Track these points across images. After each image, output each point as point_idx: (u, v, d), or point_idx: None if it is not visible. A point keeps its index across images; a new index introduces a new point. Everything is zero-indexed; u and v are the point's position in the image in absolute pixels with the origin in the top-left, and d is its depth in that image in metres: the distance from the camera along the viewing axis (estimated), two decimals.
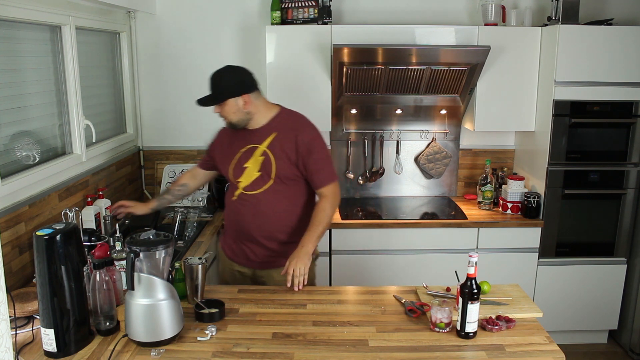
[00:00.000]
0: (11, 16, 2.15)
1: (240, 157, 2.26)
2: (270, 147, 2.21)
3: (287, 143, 2.20)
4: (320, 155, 2.22)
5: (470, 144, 3.66)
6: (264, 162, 2.21)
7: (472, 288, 1.71)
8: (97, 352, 1.67)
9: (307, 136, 2.21)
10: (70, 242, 1.64)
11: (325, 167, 2.24)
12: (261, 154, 2.22)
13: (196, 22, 3.44)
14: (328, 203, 2.22)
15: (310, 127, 2.26)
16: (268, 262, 2.29)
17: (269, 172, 2.21)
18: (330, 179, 2.24)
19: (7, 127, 2.23)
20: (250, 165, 2.23)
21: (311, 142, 2.21)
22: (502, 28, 3.23)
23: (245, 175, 2.24)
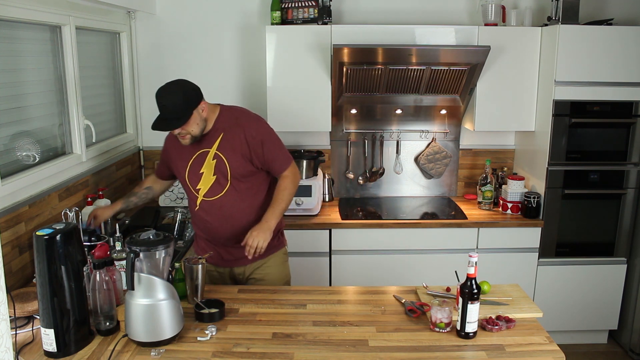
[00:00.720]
0: (11, 16, 2.15)
1: (193, 164, 2.23)
2: (220, 149, 2.19)
3: (236, 141, 2.18)
4: (272, 144, 2.23)
5: (470, 144, 3.66)
6: (217, 165, 2.19)
7: (472, 288, 1.71)
8: (97, 352, 1.67)
9: (254, 129, 2.20)
10: (70, 242, 1.64)
11: (280, 153, 2.25)
12: (213, 157, 2.19)
13: (196, 22, 3.44)
14: (289, 181, 2.24)
15: (254, 119, 2.25)
16: (243, 258, 2.25)
17: (225, 173, 2.19)
18: (287, 163, 2.26)
19: (7, 127, 2.23)
20: (205, 170, 2.21)
21: (260, 134, 2.20)
22: (502, 28, 3.23)
23: (203, 182, 2.22)
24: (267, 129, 2.26)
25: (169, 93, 2.08)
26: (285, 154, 2.27)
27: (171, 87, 2.11)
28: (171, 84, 2.12)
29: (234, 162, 2.18)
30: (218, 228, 2.25)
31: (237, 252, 2.27)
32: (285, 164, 2.25)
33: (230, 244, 2.28)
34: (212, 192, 2.22)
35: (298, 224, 3.10)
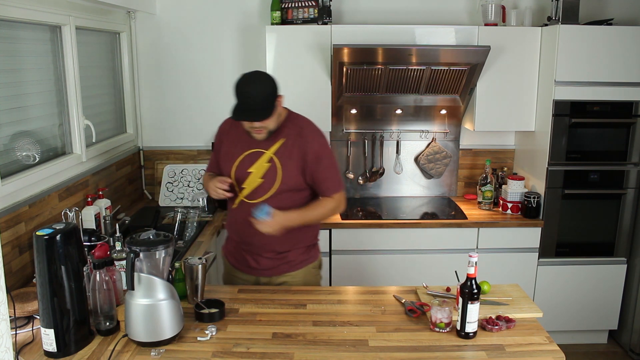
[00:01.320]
0: (11, 16, 2.15)
1: (244, 160, 2.14)
2: (277, 154, 2.10)
3: (295, 150, 2.09)
4: (328, 164, 2.14)
5: (470, 144, 3.66)
6: (269, 170, 2.10)
7: (472, 288, 1.71)
8: (97, 352, 1.67)
9: (316, 144, 2.12)
10: (70, 242, 1.64)
11: (333, 175, 2.16)
12: (267, 160, 2.10)
13: (196, 22, 3.44)
14: (330, 204, 2.16)
15: (318, 134, 2.16)
16: (271, 269, 2.22)
17: (273, 180, 2.10)
18: (336, 189, 2.16)
19: (7, 127, 2.23)
20: (255, 170, 2.12)
21: (320, 150, 2.12)
22: (502, 28, 3.23)
23: (249, 181, 2.13)
24: (328, 148, 2.18)
25: (256, 82, 1.98)
26: (338, 180, 2.19)
27: (257, 76, 2.01)
28: (256, 73, 2.03)
29: (288, 172, 2.10)
30: (251, 233, 2.14)
31: (265, 261, 2.21)
32: (335, 188, 2.16)
33: (259, 252, 2.21)
34: (254, 195, 2.13)
35: None
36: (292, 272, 2.23)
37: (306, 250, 2.25)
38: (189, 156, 3.61)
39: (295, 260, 2.22)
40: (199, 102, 3.54)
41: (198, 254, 2.55)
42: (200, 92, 3.54)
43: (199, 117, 3.56)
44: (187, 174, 3.51)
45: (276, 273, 2.23)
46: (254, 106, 1.97)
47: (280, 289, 2.16)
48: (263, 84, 1.99)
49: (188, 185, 3.48)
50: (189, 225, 2.87)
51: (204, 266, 1.99)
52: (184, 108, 3.55)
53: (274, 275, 2.23)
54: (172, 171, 3.52)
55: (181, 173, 3.52)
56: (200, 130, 3.57)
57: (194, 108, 3.56)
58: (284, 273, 2.21)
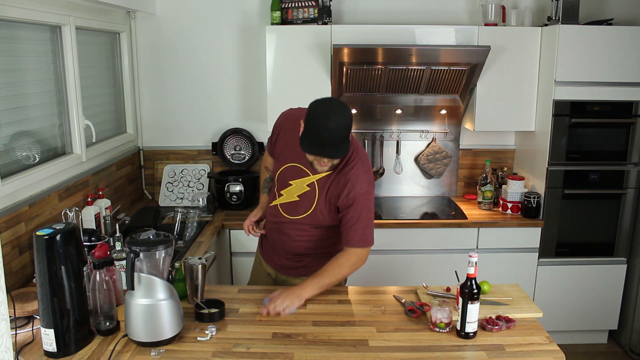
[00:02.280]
0: (11, 16, 2.15)
1: (289, 168, 2.08)
2: (320, 182, 2.03)
3: (335, 188, 2.00)
4: (360, 215, 1.98)
5: (470, 144, 3.66)
6: (306, 194, 2.05)
7: (472, 288, 1.71)
8: (97, 352, 1.67)
9: (357, 190, 1.97)
10: (70, 242, 1.64)
11: (361, 228, 1.99)
12: (308, 184, 2.04)
13: (196, 22, 3.44)
14: (348, 261, 2.00)
15: (366, 181, 2.00)
16: (288, 268, 2.23)
17: (308, 205, 2.05)
18: (361, 243, 2.00)
19: (7, 127, 2.23)
20: (295, 185, 2.06)
21: (360, 197, 1.97)
22: (502, 28, 3.23)
23: (287, 192, 2.09)
24: (369, 200, 2.01)
25: (336, 115, 1.79)
26: (366, 233, 2.01)
27: (337, 108, 1.81)
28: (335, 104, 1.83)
29: (323, 206, 2.03)
30: (276, 235, 2.19)
31: (285, 261, 2.22)
32: (359, 242, 2.00)
33: (281, 252, 2.22)
34: (288, 208, 2.11)
35: None
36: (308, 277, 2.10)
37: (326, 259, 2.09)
38: (189, 156, 3.61)
39: (312, 265, 2.12)
40: (199, 102, 3.54)
41: (198, 254, 2.55)
42: (200, 92, 3.54)
43: (199, 117, 3.56)
44: (187, 174, 3.51)
45: (293, 274, 2.22)
46: (332, 142, 1.81)
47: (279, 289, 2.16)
48: (344, 117, 1.82)
49: (188, 185, 3.48)
50: (189, 225, 2.87)
51: (204, 266, 1.99)
52: (184, 108, 3.55)
53: (290, 275, 2.23)
54: (172, 171, 3.52)
55: (181, 173, 3.52)
56: (200, 130, 3.57)
57: (194, 108, 3.56)
58: (299, 276, 2.18)
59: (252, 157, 3.53)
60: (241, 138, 3.52)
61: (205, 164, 3.56)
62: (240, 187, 3.29)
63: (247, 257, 3.03)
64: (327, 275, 1.98)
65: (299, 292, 1.94)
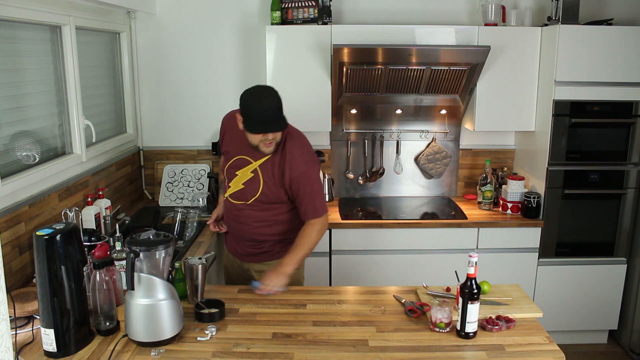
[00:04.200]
0: (11, 16, 2.15)
1: (235, 162, 2.26)
2: (262, 167, 2.19)
3: (277, 170, 2.16)
4: (311, 190, 2.18)
5: (470, 144, 3.66)
6: (251, 180, 2.20)
7: (472, 288, 1.71)
8: (97, 352, 1.67)
9: (297, 170, 2.15)
10: (70, 242, 1.64)
11: (316, 201, 2.19)
12: (251, 170, 2.21)
13: (196, 22, 3.44)
14: (314, 230, 2.18)
15: (302, 159, 2.18)
16: (250, 256, 2.36)
17: (254, 190, 2.21)
18: (319, 213, 2.19)
19: (7, 127, 2.23)
20: (240, 174, 2.24)
21: (302, 175, 2.16)
22: (502, 28, 3.23)
23: (234, 183, 2.26)
24: (312, 173, 2.20)
25: (267, 96, 2.04)
26: (320, 203, 2.21)
27: (265, 90, 2.07)
28: (266, 89, 2.08)
29: (268, 186, 2.18)
30: (233, 224, 2.34)
31: (246, 249, 2.36)
32: (317, 213, 2.19)
33: (241, 239, 2.36)
34: (236, 196, 2.27)
35: None
36: (269, 262, 2.31)
37: (285, 244, 2.28)
38: (189, 156, 3.61)
39: (272, 250, 2.31)
40: (199, 102, 3.54)
41: (198, 254, 2.55)
42: (200, 92, 3.54)
43: (199, 117, 3.56)
44: (187, 174, 3.51)
45: (254, 261, 2.35)
46: (271, 118, 2.03)
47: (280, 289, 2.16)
48: (273, 96, 2.05)
49: (188, 185, 3.48)
50: (189, 225, 2.87)
51: (204, 266, 1.99)
52: (184, 108, 3.55)
53: (252, 262, 2.37)
54: (172, 171, 3.52)
55: (181, 173, 3.52)
56: (200, 130, 3.57)
57: (194, 108, 3.56)
58: (261, 262, 2.33)
59: None
60: None
61: (205, 164, 3.56)
62: None
63: None
64: (301, 248, 2.15)
65: (282, 270, 2.09)
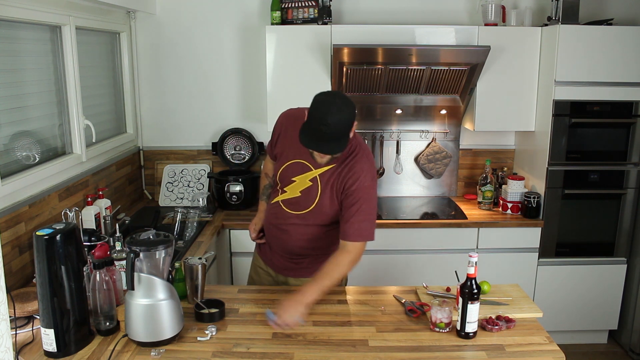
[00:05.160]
0: (11, 16, 2.15)
1: (292, 165, 2.06)
2: (322, 177, 2.00)
3: (339, 181, 1.98)
4: (362, 210, 1.95)
5: (470, 144, 3.66)
6: (309, 189, 2.02)
7: (472, 288, 1.71)
8: (97, 352, 1.67)
9: (360, 182, 1.95)
10: (70, 242, 1.64)
11: (362, 223, 1.96)
12: (311, 178, 2.02)
13: (196, 22, 3.44)
14: (347, 259, 1.94)
15: (370, 174, 1.99)
16: (286, 269, 2.21)
17: (310, 200, 2.03)
18: (359, 237, 1.96)
19: (7, 127, 2.23)
20: (298, 181, 2.04)
21: (362, 189, 1.95)
22: (502, 28, 3.23)
23: (291, 188, 2.06)
24: (374, 192, 2.00)
25: (337, 110, 1.76)
26: (366, 228, 1.97)
27: (339, 103, 1.78)
28: (337, 98, 1.80)
29: (326, 200, 2.01)
30: (276, 233, 2.15)
31: (284, 262, 2.20)
32: (356, 236, 1.95)
33: (280, 252, 2.20)
34: (290, 203, 2.08)
35: None
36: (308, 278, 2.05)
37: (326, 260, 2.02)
38: (189, 156, 3.61)
39: (312, 267, 2.09)
40: (199, 102, 3.54)
41: (198, 254, 2.55)
42: (200, 92, 3.54)
43: (199, 117, 3.56)
44: (187, 174, 3.51)
45: (292, 275, 2.20)
46: (330, 137, 1.79)
47: (280, 289, 2.16)
48: (344, 113, 1.78)
49: (188, 185, 3.48)
50: (189, 225, 2.87)
51: (204, 266, 1.99)
52: (184, 108, 3.55)
53: (289, 276, 2.21)
54: (172, 171, 3.52)
55: (181, 173, 3.52)
56: (200, 130, 3.57)
57: (194, 108, 3.56)
58: (300, 277, 2.17)
59: (252, 157, 3.53)
60: (241, 138, 3.52)
61: (205, 164, 3.56)
62: (240, 187, 3.29)
63: (247, 257, 3.02)
64: (327, 277, 1.91)
65: (301, 299, 1.83)
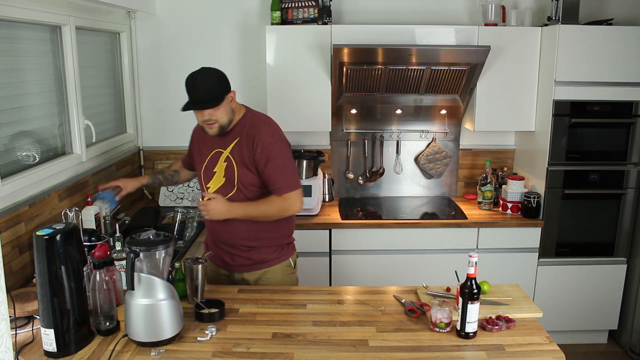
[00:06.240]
0: (11, 16, 2.16)
1: (210, 161, 2.22)
2: (232, 153, 2.16)
3: (246, 150, 2.13)
4: (277, 163, 2.11)
5: (470, 144, 3.66)
6: (227, 168, 2.17)
7: (472, 288, 1.71)
8: (97, 352, 1.67)
9: (264, 144, 2.11)
10: (70, 242, 1.64)
11: (282, 174, 2.12)
12: (225, 159, 2.17)
13: (196, 22, 3.44)
14: (278, 202, 2.12)
15: (269, 132, 2.16)
16: (242, 265, 2.26)
17: (232, 179, 2.16)
18: (286, 188, 2.11)
19: (7, 127, 2.23)
20: (218, 170, 2.19)
21: (268, 148, 2.11)
22: (502, 28, 3.23)
23: (214, 181, 2.21)
24: (280, 145, 2.15)
25: (202, 75, 2.06)
26: (289, 179, 2.13)
27: (203, 70, 2.08)
28: (204, 69, 2.09)
29: (241, 170, 2.14)
30: (220, 230, 2.24)
31: (237, 258, 2.26)
32: (285, 188, 2.11)
33: (230, 248, 2.25)
34: (219, 191, 2.19)
35: (298, 224, 3.08)
36: (264, 269, 2.26)
37: (278, 249, 2.27)
38: None
39: (266, 258, 2.25)
40: None
41: (198, 254, 2.55)
42: None
43: None
44: None
45: (247, 270, 2.27)
46: (201, 97, 2.04)
47: (280, 289, 2.17)
48: (208, 75, 2.07)
49: (188, 185, 3.48)
50: (189, 225, 2.87)
51: (204, 266, 1.99)
52: None
53: (245, 271, 2.28)
54: None
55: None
56: None
57: None
58: (254, 270, 2.26)
59: None
60: None
61: None
62: None
63: None
64: (255, 208, 2.13)
65: (228, 208, 2.10)
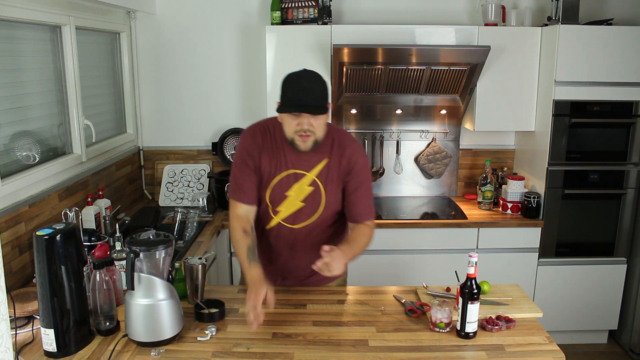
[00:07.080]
0: (11, 16, 2.16)
1: (281, 182, 1.93)
2: (320, 177, 1.91)
3: (338, 172, 1.91)
4: (367, 187, 1.96)
5: (470, 144, 3.66)
6: (312, 194, 1.92)
7: (472, 288, 1.71)
8: (97, 352, 1.67)
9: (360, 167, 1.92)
10: (70, 242, 1.64)
11: (368, 199, 1.97)
12: (309, 183, 1.91)
13: (196, 22, 3.44)
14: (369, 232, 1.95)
15: (363, 154, 1.98)
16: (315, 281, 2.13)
17: (315, 206, 1.94)
18: (372, 215, 1.99)
19: (7, 127, 2.23)
20: (293, 194, 1.92)
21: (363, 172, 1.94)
22: (502, 28, 3.23)
23: (286, 205, 1.94)
24: (369, 172, 2.02)
25: (309, 77, 1.78)
26: (372, 205, 2.00)
27: (310, 74, 1.80)
28: (307, 71, 1.81)
29: (332, 197, 1.94)
30: (285, 256, 2.06)
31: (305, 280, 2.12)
32: (370, 215, 1.97)
33: (291, 275, 2.11)
34: (293, 219, 1.97)
35: None
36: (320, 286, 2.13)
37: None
38: (189, 156, 3.61)
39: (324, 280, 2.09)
40: (199, 102, 3.54)
41: (198, 254, 2.55)
42: (201, 92, 3.54)
43: (199, 117, 3.56)
44: (187, 174, 3.51)
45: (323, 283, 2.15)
46: (311, 101, 1.74)
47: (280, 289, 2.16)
48: (315, 78, 1.79)
49: (188, 185, 3.48)
50: (189, 225, 2.87)
51: (204, 266, 1.99)
52: (184, 108, 3.55)
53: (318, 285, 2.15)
54: (172, 171, 3.52)
55: (181, 173, 3.52)
56: (200, 130, 3.57)
57: (194, 108, 3.56)
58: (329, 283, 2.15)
59: None
60: None
61: (205, 164, 3.56)
62: None
63: None
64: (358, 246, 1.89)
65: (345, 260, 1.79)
